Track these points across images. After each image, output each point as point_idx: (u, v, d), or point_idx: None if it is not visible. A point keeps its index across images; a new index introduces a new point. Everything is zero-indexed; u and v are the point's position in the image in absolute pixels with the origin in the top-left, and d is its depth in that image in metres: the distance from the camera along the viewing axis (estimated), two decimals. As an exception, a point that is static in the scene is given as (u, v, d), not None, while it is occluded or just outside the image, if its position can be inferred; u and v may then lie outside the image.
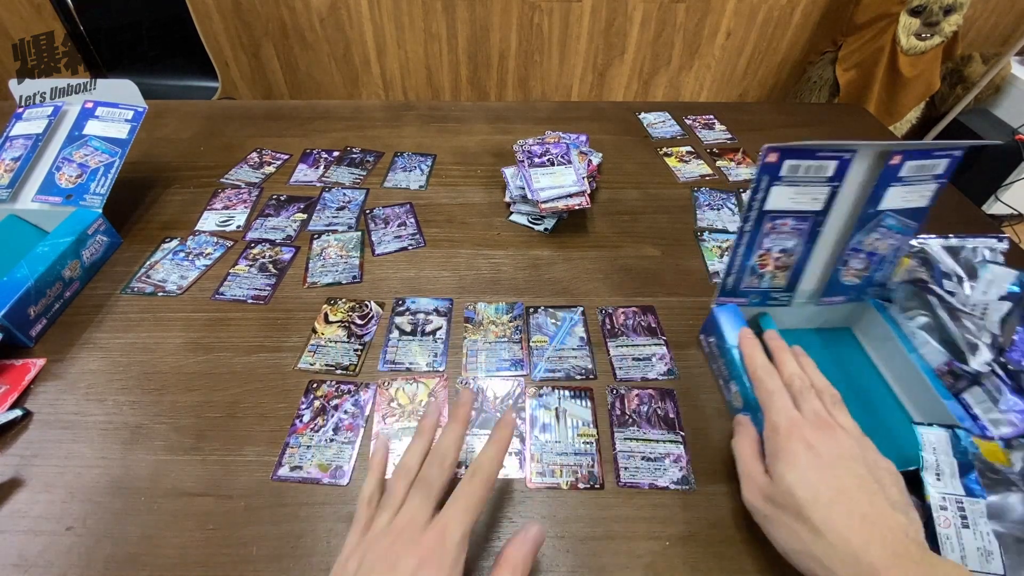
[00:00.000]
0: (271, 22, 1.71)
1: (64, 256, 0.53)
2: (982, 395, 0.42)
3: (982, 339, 0.42)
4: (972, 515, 0.35)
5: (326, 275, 0.58)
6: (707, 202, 0.71)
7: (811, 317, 0.51)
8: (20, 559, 0.36)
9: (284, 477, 0.41)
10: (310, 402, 0.45)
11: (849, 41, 1.67)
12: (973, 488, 0.36)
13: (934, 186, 0.43)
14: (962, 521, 0.35)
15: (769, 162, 0.41)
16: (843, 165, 0.41)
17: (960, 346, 0.43)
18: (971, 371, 0.42)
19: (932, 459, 0.37)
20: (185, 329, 0.52)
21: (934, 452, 0.38)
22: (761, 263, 0.46)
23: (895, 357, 0.47)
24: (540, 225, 0.66)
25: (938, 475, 0.37)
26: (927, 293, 0.46)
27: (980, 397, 0.42)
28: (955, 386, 0.43)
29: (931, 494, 0.36)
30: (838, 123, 0.91)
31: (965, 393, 0.43)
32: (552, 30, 1.75)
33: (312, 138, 0.81)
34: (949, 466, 0.37)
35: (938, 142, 0.40)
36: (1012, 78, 1.74)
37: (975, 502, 0.35)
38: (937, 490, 0.36)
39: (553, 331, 0.53)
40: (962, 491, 0.36)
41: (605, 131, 0.85)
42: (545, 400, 0.47)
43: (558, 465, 0.42)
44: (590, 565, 0.37)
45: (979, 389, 0.42)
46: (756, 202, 0.43)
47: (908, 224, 0.45)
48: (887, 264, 0.47)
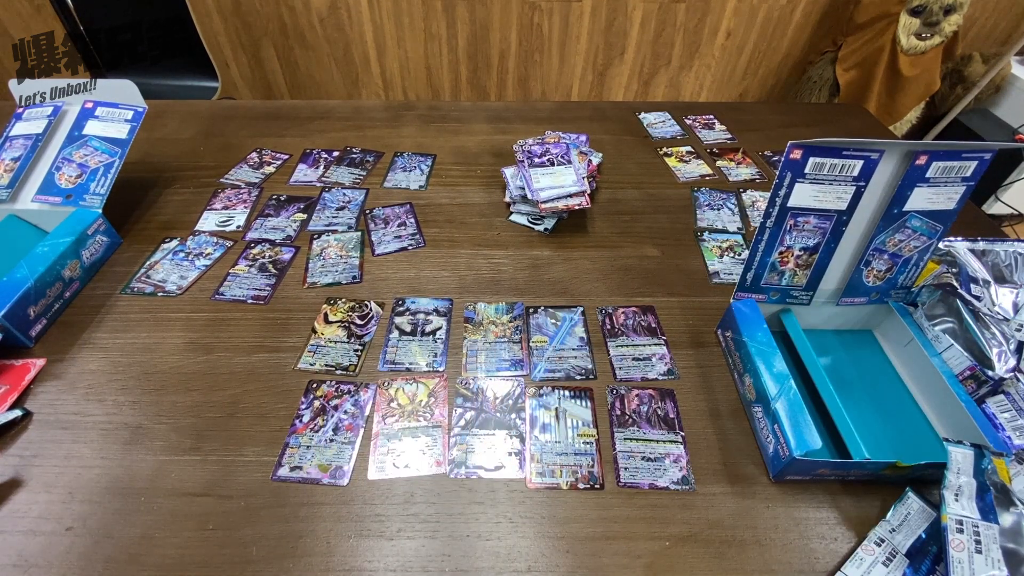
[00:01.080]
0: (271, 22, 1.71)
1: (64, 256, 0.52)
2: (1006, 402, 0.42)
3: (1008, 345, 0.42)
4: (986, 540, 0.35)
5: (326, 275, 0.58)
6: (707, 202, 0.71)
7: (831, 317, 0.51)
8: (20, 559, 0.36)
9: (284, 477, 0.41)
10: (310, 402, 0.45)
11: (849, 41, 1.67)
12: (988, 511, 0.36)
13: (962, 188, 0.42)
14: (976, 545, 0.35)
15: (793, 159, 0.41)
16: (869, 165, 0.41)
17: (985, 351, 0.43)
18: (995, 376, 0.42)
19: (955, 480, 0.37)
20: (185, 329, 0.52)
21: (958, 473, 0.37)
22: (782, 260, 0.46)
23: (917, 361, 0.47)
24: (540, 225, 0.66)
25: (956, 495, 0.37)
26: (954, 297, 0.46)
27: (1004, 405, 0.42)
28: (977, 392, 0.43)
29: (948, 514, 0.36)
30: (838, 123, 0.91)
31: (988, 400, 0.42)
32: (552, 30, 1.75)
33: (312, 138, 0.81)
34: (968, 487, 0.37)
35: (969, 143, 0.40)
36: (1012, 78, 1.74)
37: (990, 527, 0.35)
38: (955, 512, 0.36)
39: (553, 331, 0.53)
40: (978, 514, 0.36)
41: (605, 131, 0.85)
42: (545, 400, 0.47)
43: (558, 465, 0.42)
44: (590, 565, 0.37)
45: (1003, 396, 0.42)
46: (779, 198, 0.43)
47: (934, 226, 0.44)
48: (911, 267, 0.47)
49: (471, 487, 0.41)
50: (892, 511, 0.39)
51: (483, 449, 0.43)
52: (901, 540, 0.38)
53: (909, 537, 0.38)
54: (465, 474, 0.41)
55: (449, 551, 0.37)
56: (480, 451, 0.43)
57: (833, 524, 0.40)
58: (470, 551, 0.37)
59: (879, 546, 0.38)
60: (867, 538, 0.38)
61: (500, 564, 0.37)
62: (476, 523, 0.39)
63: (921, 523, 0.38)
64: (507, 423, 0.45)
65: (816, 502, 0.41)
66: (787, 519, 0.40)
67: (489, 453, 0.43)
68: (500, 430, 0.44)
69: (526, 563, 0.37)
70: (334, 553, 0.37)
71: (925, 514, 0.39)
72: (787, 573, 0.37)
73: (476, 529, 0.38)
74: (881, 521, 0.39)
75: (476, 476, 0.41)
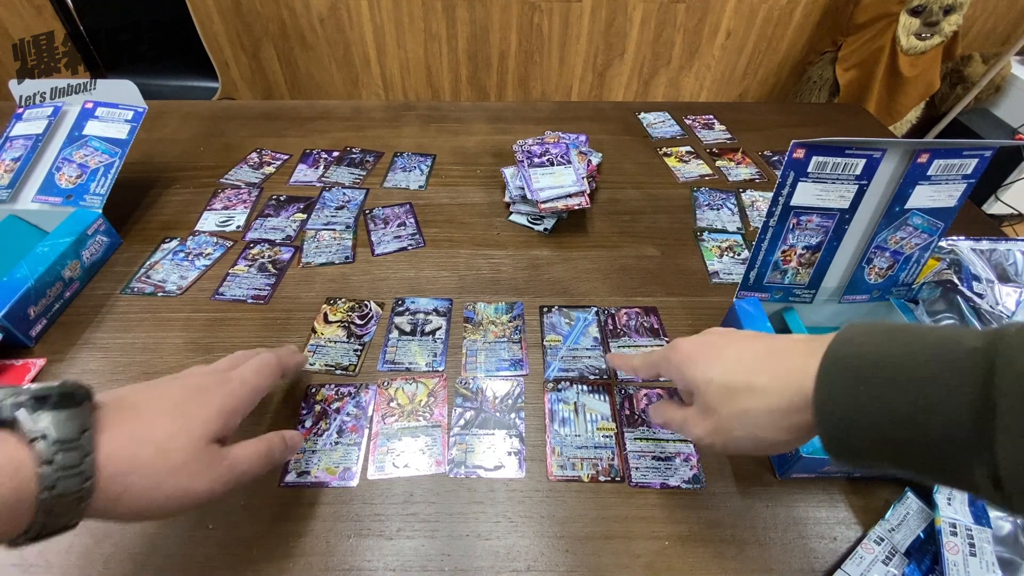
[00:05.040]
0: (271, 22, 1.71)
1: (64, 256, 0.53)
2: None
3: None
4: (979, 543, 0.35)
5: (320, 255, 0.60)
6: (707, 202, 0.71)
7: (834, 315, 0.51)
8: (20, 559, 0.36)
9: (292, 483, 0.41)
10: (311, 407, 0.45)
11: (849, 41, 1.67)
12: (981, 515, 0.36)
13: (962, 186, 0.43)
14: (970, 549, 0.35)
15: (796, 158, 0.41)
16: (872, 164, 0.41)
17: None
18: None
19: None
20: (185, 329, 0.52)
21: None
22: (785, 259, 0.46)
23: None
24: (540, 225, 0.66)
25: (949, 499, 0.37)
26: (955, 295, 0.46)
27: None
28: None
29: (941, 517, 0.36)
30: (838, 123, 0.91)
31: None
32: (552, 30, 1.75)
33: (312, 138, 0.81)
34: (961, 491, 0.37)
35: (970, 140, 0.40)
36: (1012, 78, 1.74)
37: (983, 530, 0.35)
38: (948, 515, 0.36)
39: (567, 331, 0.53)
40: (971, 519, 0.36)
41: (605, 131, 0.85)
42: (564, 395, 0.47)
43: (579, 458, 0.43)
44: (589, 564, 0.37)
45: None
46: (781, 197, 0.43)
47: (935, 224, 0.44)
48: (913, 264, 0.47)
49: (471, 486, 0.41)
50: (891, 511, 0.39)
51: (483, 449, 0.43)
52: (900, 539, 0.38)
53: (908, 536, 0.38)
54: (465, 473, 0.41)
55: (449, 550, 0.37)
56: (480, 451, 0.43)
57: (832, 524, 0.40)
58: (470, 550, 0.37)
59: (879, 545, 0.38)
60: (867, 537, 0.38)
61: (500, 563, 0.37)
62: (476, 522, 0.39)
63: (920, 523, 0.39)
64: (507, 423, 0.45)
65: (816, 502, 0.41)
66: (787, 518, 0.40)
67: (489, 453, 0.43)
68: (500, 430, 0.44)
69: (525, 562, 0.37)
70: (333, 553, 0.37)
71: (924, 514, 0.39)
72: (787, 572, 0.37)
73: (476, 528, 0.38)
74: (880, 520, 0.39)
75: (476, 476, 0.41)
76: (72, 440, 0.24)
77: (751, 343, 0.32)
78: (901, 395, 0.23)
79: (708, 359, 0.32)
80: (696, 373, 0.33)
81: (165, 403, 0.30)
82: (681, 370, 0.34)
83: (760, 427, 0.29)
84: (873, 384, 0.24)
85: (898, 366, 0.24)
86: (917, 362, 0.23)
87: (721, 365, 0.31)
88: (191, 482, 0.28)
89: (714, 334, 0.35)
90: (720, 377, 0.31)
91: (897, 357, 0.24)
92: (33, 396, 0.24)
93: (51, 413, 0.24)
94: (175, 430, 0.28)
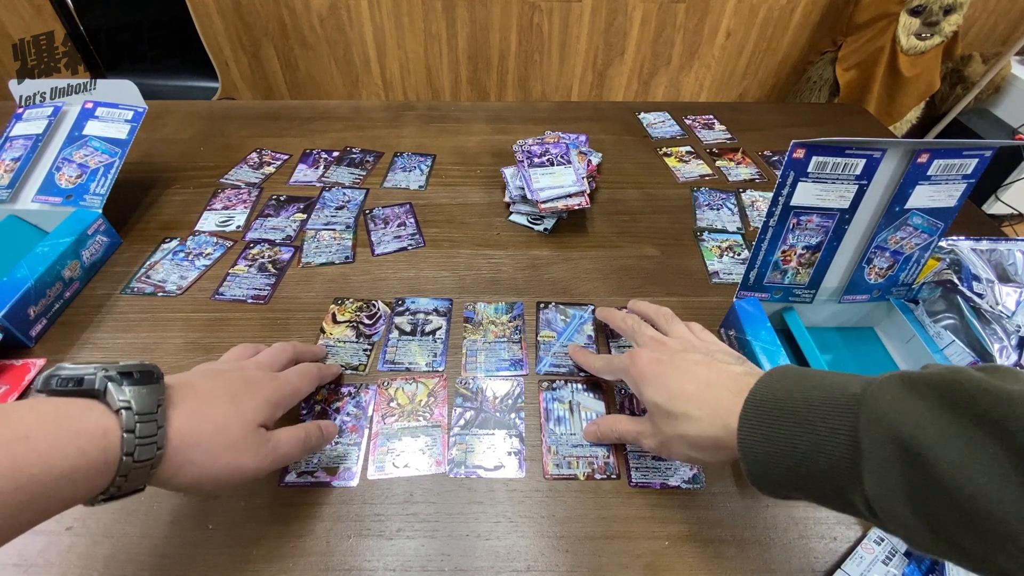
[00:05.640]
0: (271, 22, 1.71)
1: (64, 256, 0.53)
2: None
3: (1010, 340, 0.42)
4: None
5: (320, 255, 0.60)
6: (707, 202, 0.71)
7: (834, 315, 0.51)
8: (20, 559, 0.36)
9: (292, 483, 0.41)
10: (311, 407, 0.45)
11: (849, 41, 1.67)
12: None
13: (962, 186, 0.43)
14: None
15: (796, 158, 0.41)
16: (872, 164, 0.41)
17: (986, 347, 0.43)
18: None
19: None
20: (185, 329, 0.52)
21: None
22: (785, 259, 0.46)
23: (919, 357, 0.47)
24: (540, 225, 0.66)
25: None
26: (955, 295, 0.46)
27: None
28: None
29: None
30: (838, 123, 0.91)
31: None
32: (552, 30, 1.75)
33: (312, 138, 0.81)
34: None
35: (970, 140, 0.40)
36: (1012, 78, 1.74)
37: None
38: None
39: (562, 327, 0.53)
40: None
41: (605, 131, 0.85)
42: (558, 394, 0.47)
43: (574, 457, 0.43)
44: (589, 564, 0.37)
45: None
46: (782, 197, 0.43)
47: (935, 224, 0.44)
48: (913, 264, 0.47)
49: (470, 486, 0.41)
50: (891, 511, 0.39)
51: (482, 449, 0.43)
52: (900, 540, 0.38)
53: (908, 536, 0.38)
54: (465, 473, 0.41)
55: (448, 550, 0.37)
56: (479, 451, 0.43)
57: (832, 524, 0.40)
58: (469, 550, 0.37)
59: (878, 545, 0.38)
60: (866, 537, 0.38)
61: (499, 563, 0.37)
62: (476, 522, 0.39)
63: (920, 523, 0.38)
64: (507, 423, 0.45)
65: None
66: (787, 518, 0.40)
67: (489, 452, 0.43)
68: (499, 430, 0.44)
69: (525, 562, 0.37)
70: (333, 553, 0.37)
71: (924, 514, 0.39)
72: (787, 572, 0.37)
73: (476, 528, 0.38)
74: (880, 521, 0.39)
75: (476, 476, 0.41)
76: (150, 413, 0.28)
77: (695, 371, 0.35)
78: (802, 434, 0.27)
79: (656, 382, 0.36)
80: (647, 394, 0.37)
81: (223, 390, 0.33)
82: (637, 385, 0.38)
83: (696, 449, 0.34)
84: (782, 424, 0.28)
85: (800, 409, 0.27)
86: (812, 406, 0.27)
87: (667, 392, 0.35)
88: (242, 458, 0.31)
89: (667, 351, 0.38)
90: (665, 404, 0.35)
91: (800, 401, 0.28)
92: (119, 371, 0.28)
93: (134, 388, 0.28)
94: (231, 413, 0.32)
